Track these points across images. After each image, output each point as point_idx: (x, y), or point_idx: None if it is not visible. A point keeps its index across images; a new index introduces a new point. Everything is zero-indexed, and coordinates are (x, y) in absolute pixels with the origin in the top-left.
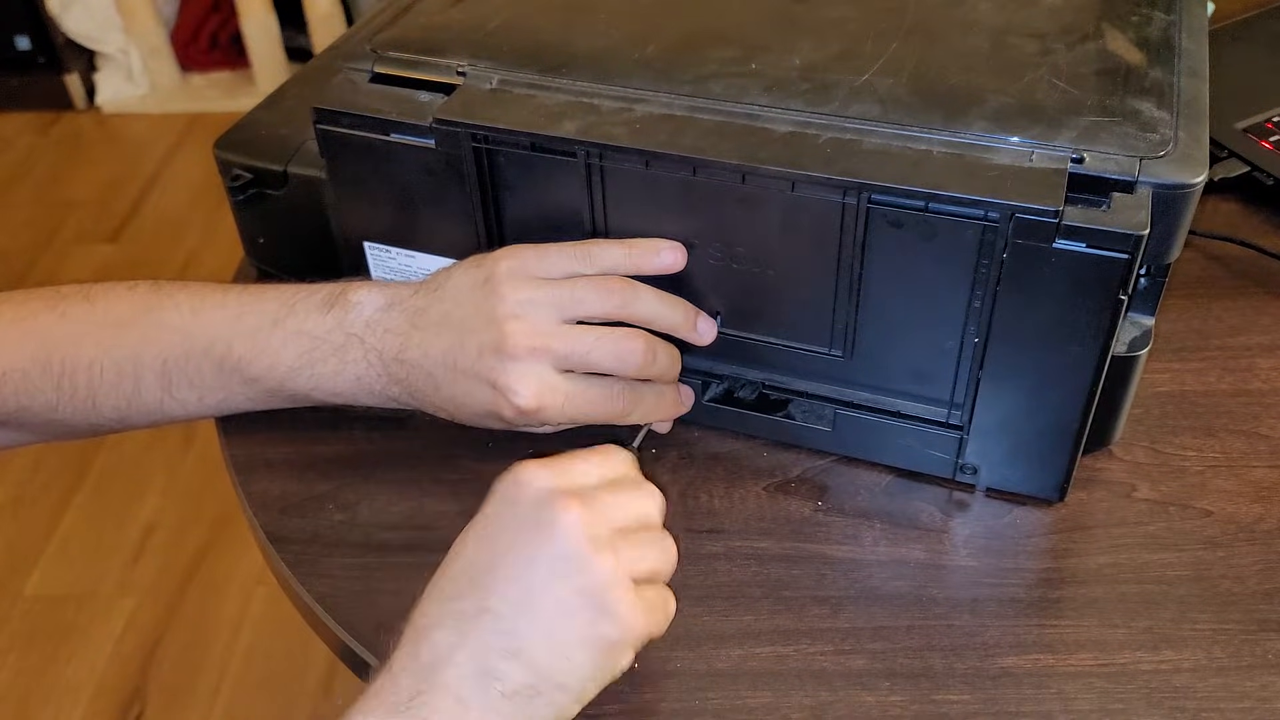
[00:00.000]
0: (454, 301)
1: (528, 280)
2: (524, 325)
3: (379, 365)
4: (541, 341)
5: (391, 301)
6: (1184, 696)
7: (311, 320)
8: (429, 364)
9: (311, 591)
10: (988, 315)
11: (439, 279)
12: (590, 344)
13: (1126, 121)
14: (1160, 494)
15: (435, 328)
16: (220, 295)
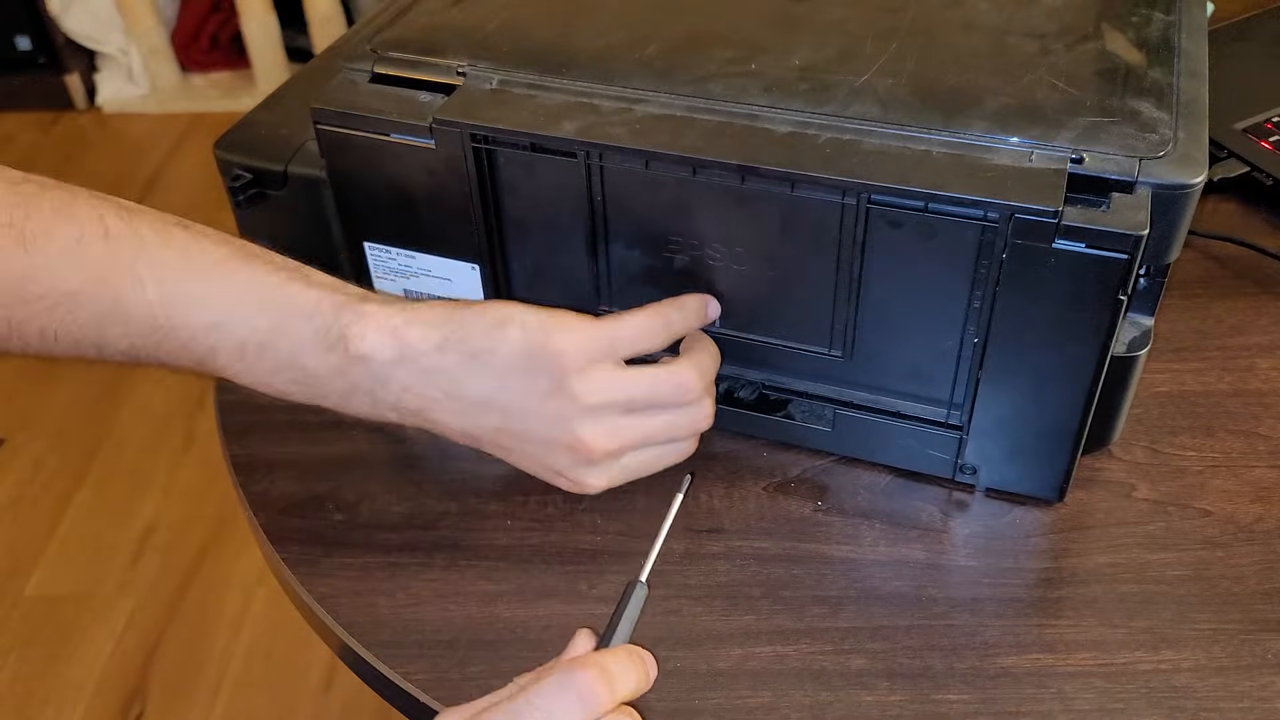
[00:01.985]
0: (504, 383)
1: (603, 362)
2: (602, 430)
3: (393, 415)
4: (618, 445)
5: (403, 355)
6: (1183, 696)
7: (308, 356)
8: (467, 432)
9: (312, 591)
10: (987, 315)
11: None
12: (659, 429)
13: (1126, 122)
14: (1160, 494)
15: (480, 409)
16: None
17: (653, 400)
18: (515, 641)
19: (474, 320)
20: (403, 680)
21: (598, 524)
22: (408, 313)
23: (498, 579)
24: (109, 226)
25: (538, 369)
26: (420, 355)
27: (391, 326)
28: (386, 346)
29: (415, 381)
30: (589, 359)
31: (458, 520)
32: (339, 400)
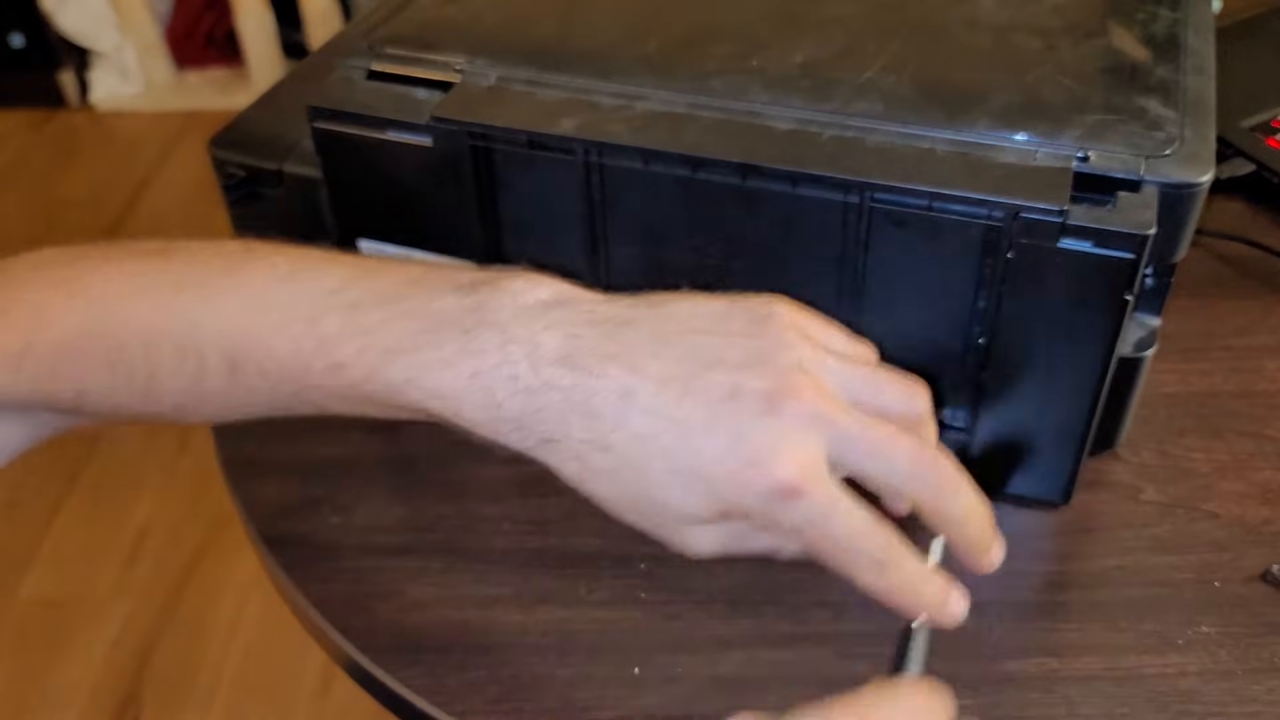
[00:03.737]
0: (692, 323)
1: (815, 340)
2: (813, 382)
3: (520, 363)
4: (832, 409)
5: (562, 299)
6: (1190, 700)
7: (441, 300)
8: (622, 381)
9: (307, 595)
10: (992, 315)
11: (653, 298)
12: (886, 435)
13: (1132, 120)
14: (1167, 496)
15: (652, 342)
16: (328, 261)
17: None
18: (513, 646)
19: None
20: (399, 685)
21: (597, 527)
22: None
23: (495, 583)
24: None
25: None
26: (590, 302)
27: (554, 280)
28: (547, 287)
29: (570, 319)
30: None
31: (455, 523)
32: (456, 340)
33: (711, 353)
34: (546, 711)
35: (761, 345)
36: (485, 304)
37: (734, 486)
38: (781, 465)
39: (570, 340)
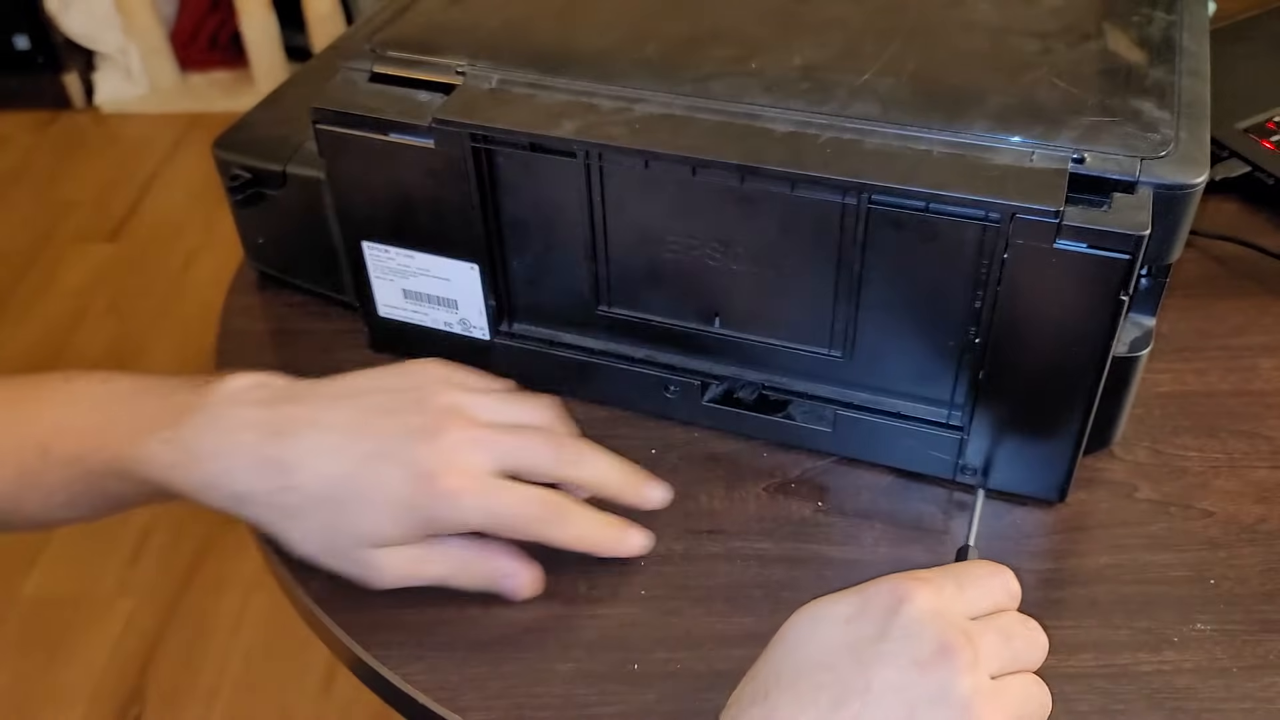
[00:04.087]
0: (363, 387)
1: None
2: (463, 415)
3: (227, 434)
4: (481, 431)
5: (263, 382)
6: (1186, 697)
7: (180, 393)
8: (312, 437)
9: (310, 593)
10: (988, 316)
11: (331, 377)
12: (529, 441)
13: (1127, 121)
14: (1162, 494)
15: (332, 403)
16: (126, 375)
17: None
18: (515, 643)
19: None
20: (401, 682)
21: None
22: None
23: None
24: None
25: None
26: (283, 381)
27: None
28: (252, 376)
29: (266, 395)
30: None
31: None
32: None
33: (380, 404)
34: (547, 707)
35: (419, 394)
36: (203, 391)
37: (416, 501)
38: (446, 476)
39: (263, 409)
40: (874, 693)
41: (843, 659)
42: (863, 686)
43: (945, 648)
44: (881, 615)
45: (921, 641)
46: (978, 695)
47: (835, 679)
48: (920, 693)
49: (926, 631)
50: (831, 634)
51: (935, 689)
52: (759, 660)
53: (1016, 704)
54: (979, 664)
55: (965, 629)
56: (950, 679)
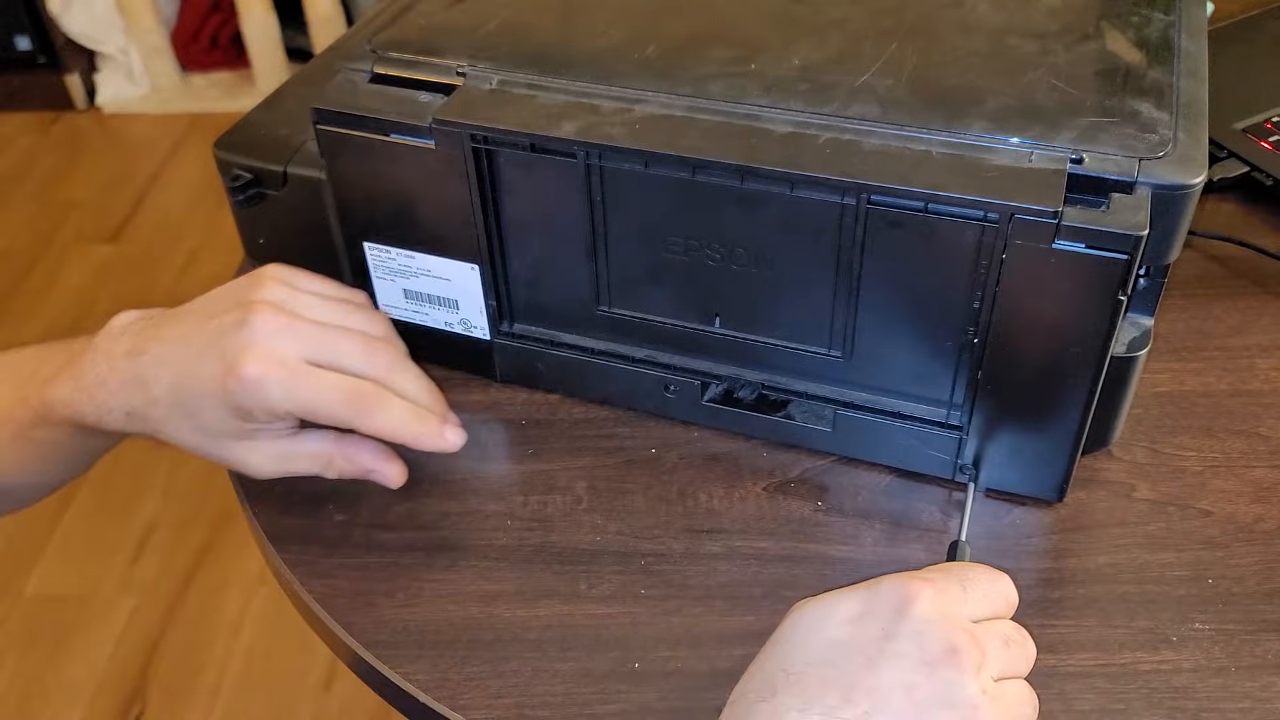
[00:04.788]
0: (207, 298)
1: (290, 285)
2: (276, 307)
3: (108, 363)
4: (292, 321)
5: (140, 315)
6: (1184, 696)
7: (79, 341)
8: (159, 352)
9: (311, 592)
10: (987, 316)
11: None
12: (340, 338)
13: (1126, 122)
14: (1160, 494)
15: (178, 319)
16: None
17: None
18: (515, 642)
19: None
20: (402, 680)
21: (598, 524)
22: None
23: (497, 579)
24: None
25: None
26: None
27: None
28: (131, 314)
29: (136, 326)
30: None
31: (457, 520)
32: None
33: (211, 306)
34: (547, 705)
35: (239, 292)
36: (95, 335)
37: (226, 391)
38: (246, 363)
39: (133, 339)
40: (882, 692)
41: (851, 657)
42: (871, 685)
43: (953, 649)
44: (888, 615)
45: (930, 642)
46: (983, 696)
47: (843, 677)
48: (927, 693)
49: (934, 632)
50: (838, 632)
51: (942, 689)
52: (760, 656)
53: (1015, 706)
54: (984, 667)
55: (972, 631)
56: (958, 679)
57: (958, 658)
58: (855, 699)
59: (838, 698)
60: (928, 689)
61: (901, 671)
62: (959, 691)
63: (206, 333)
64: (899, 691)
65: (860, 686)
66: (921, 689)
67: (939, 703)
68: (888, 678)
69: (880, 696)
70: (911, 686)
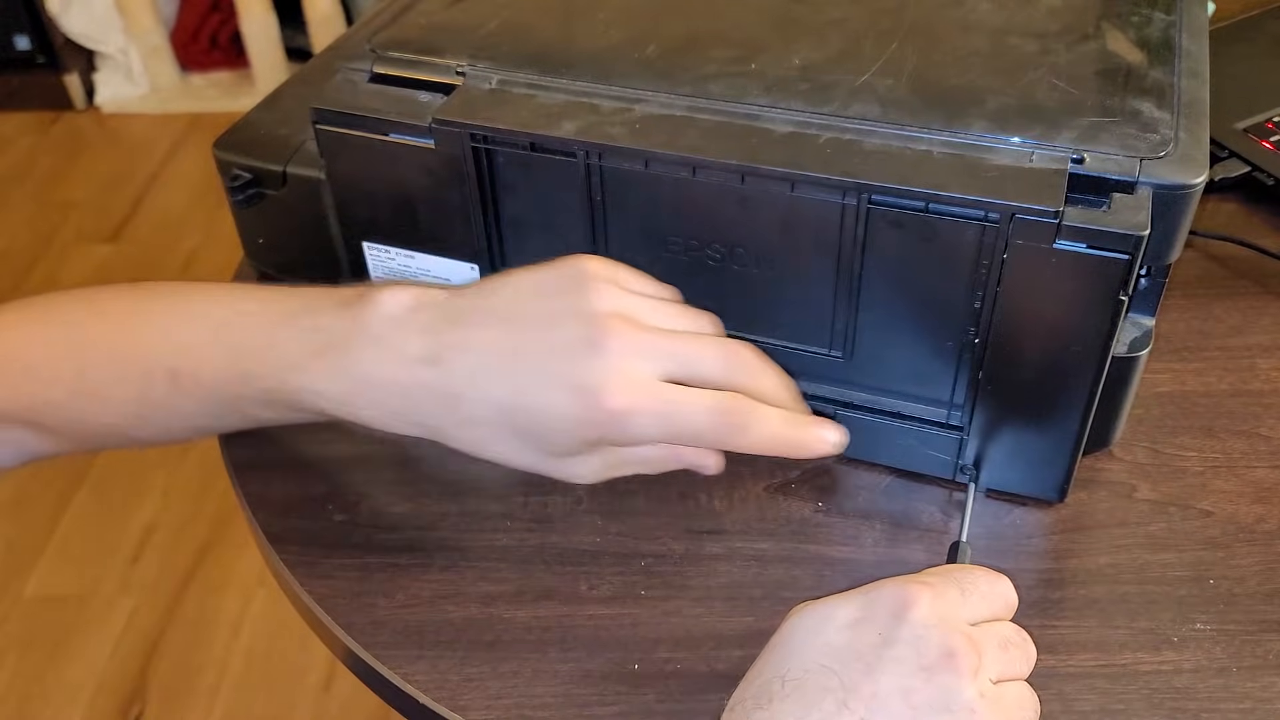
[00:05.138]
0: (520, 297)
1: (623, 288)
2: (626, 319)
3: (394, 367)
4: (646, 338)
5: (422, 302)
6: (1185, 697)
7: (327, 316)
8: (476, 364)
9: (311, 592)
10: (988, 316)
11: (489, 283)
12: (703, 348)
13: (1127, 122)
14: (1161, 494)
15: (489, 323)
16: (242, 290)
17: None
18: (515, 643)
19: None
20: (402, 681)
21: (598, 525)
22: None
23: (497, 580)
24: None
25: (555, 271)
26: (440, 300)
27: (411, 285)
28: (406, 293)
29: (430, 320)
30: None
31: (457, 521)
32: (343, 352)
33: (540, 316)
34: (547, 706)
35: (575, 301)
36: (360, 316)
37: (584, 420)
38: (610, 394)
39: (429, 340)
40: (880, 698)
41: (848, 664)
42: (869, 692)
43: (950, 653)
44: (886, 620)
45: (927, 647)
46: (981, 700)
47: (840, 683)
48: (925, 697)
49: (932, 637)
50: (836, 637)
51: (940, 694)
52: (758, 661)
53: (1014, 709)
54: (982, 670)
55: (969, 635)
56: (955, 684)
57: (954, 661)
58: (852, 705)
59: (834, 704)
60: (925, 694)
61: (899, 677)
62: (956, 696)
63: (542, 351)
64: (896, 697)
65: (858, 693)
66: (919, 694)
67: (937, 707)
68: (885, 683)
69: (878, 702)
70: (909, 691)
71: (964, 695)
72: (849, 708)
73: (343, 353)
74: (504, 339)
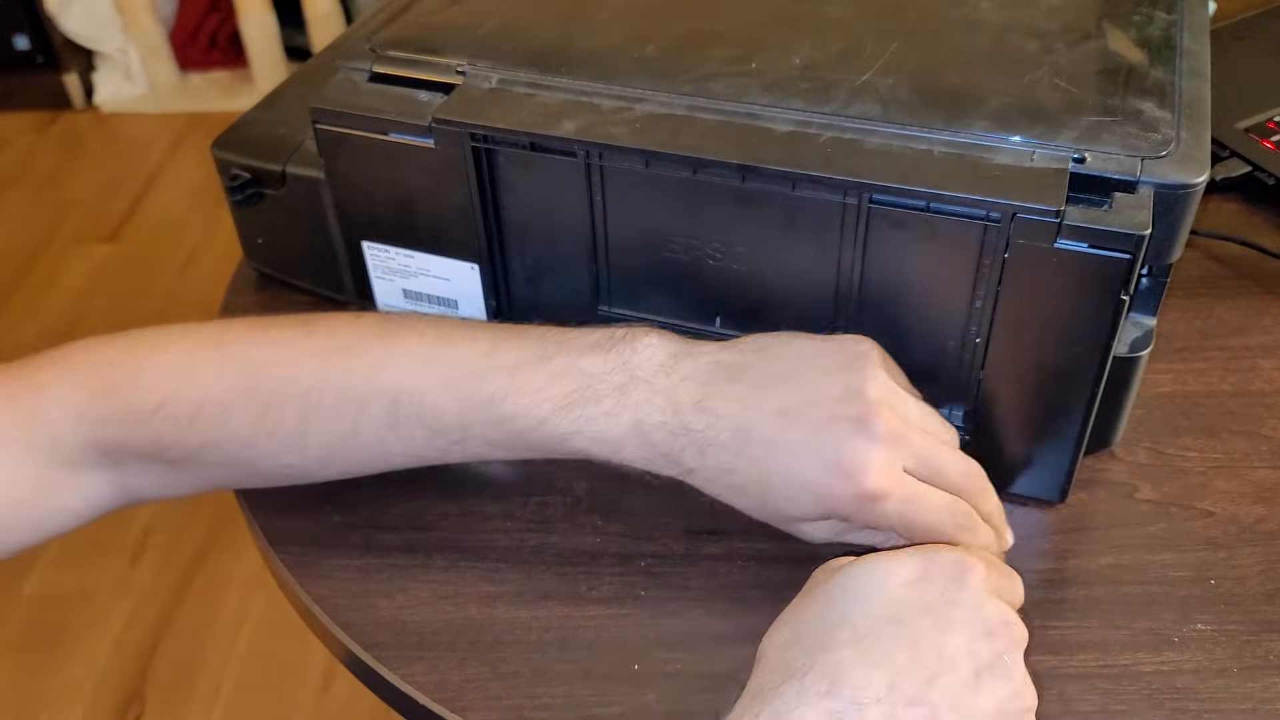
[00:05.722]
0: (796, 364)
1: (895, 385)
2: (891, 410)
3: (667, 411)
4: (907, 432)
5: (688, 352)
6: (1186, 698)
7: (587, 359)
8: (742, 418)
9: (310, 593)
10: (989, 315)
11: (758, 340)
12: (948, 457)
13: (1128, 121)
14: (1162, 495)
15: (764, 384)
16: (469, 328)
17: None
18: (514, 643)
19: (753, 335)
20: (401, 682)
21: (598, 525)
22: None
23: (497, 580)
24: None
25: (833, 346)
26: (707, 353)
27: (671, 335)
28: (670, 342)
29: (700, 371)
30: (883, 359)
31: (457, 521)
32: (613, 395)
33: (813, 388)
34: (547, 707)
35: (852, 379)
36: (629, 362)
37: (833, 495)
38: (869, 476)
39: (701, 389)
40: (948, 657)
41: (919, 617)
42: (938, 650)
43: (1008, 624)
44: (947, 582)
45: (989, 614)
46: (1028, 676)
47: (910, 638)
48: (985, 661)
49: (991, 605)
50: (898, 593)
51: (999, 660)
52: (797, 609)
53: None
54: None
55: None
56: (1014, 656)
57: (1011, 631)
58: (924, 662)
59: (906, 660)
60: (985, 657)
61: (965, 639)
62: (1014, 665)
63: (813, 422)
64: (963, 658)
65: (929, 647)
66: (981, 657)
67: (998, 675)
68: (952, 643)
69: (947, 661)
70: (974, 655)
71: (1019, 666)
72: (921, 664)
73: (611, 396)
74: (776, 400)
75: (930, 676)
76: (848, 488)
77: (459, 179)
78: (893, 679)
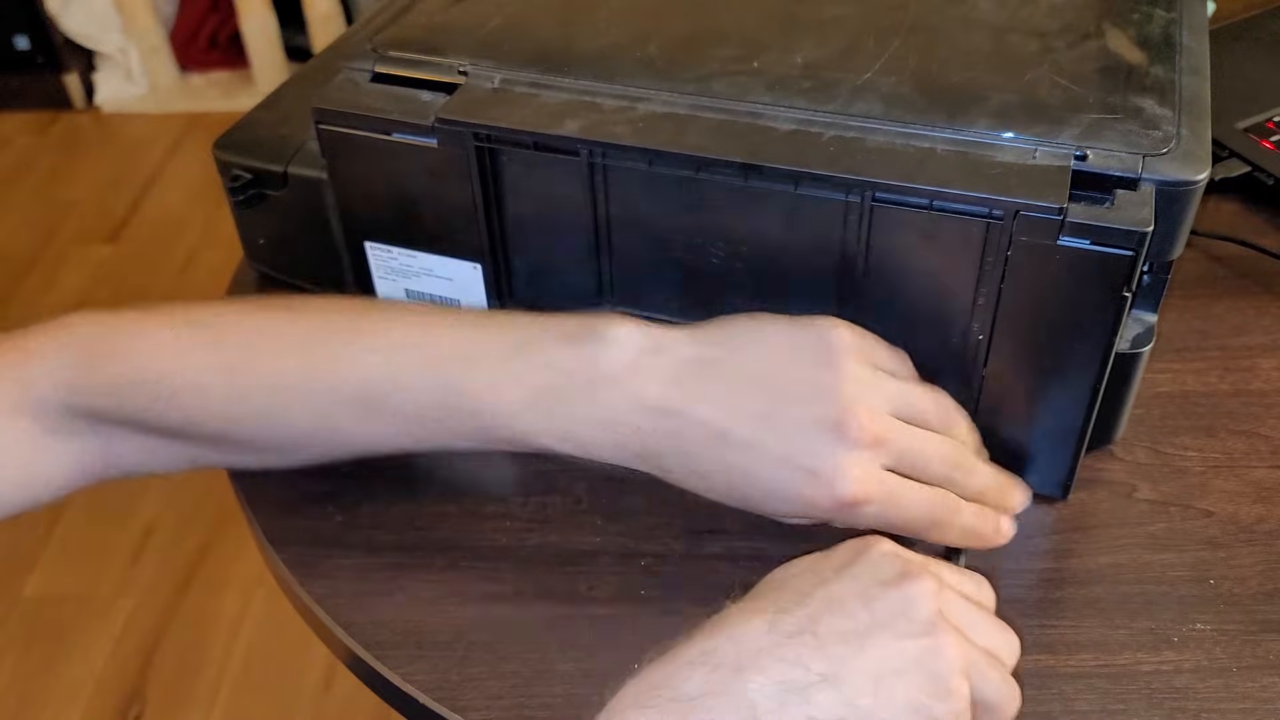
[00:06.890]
0: (766, 359)
1: (869, 362)
2: (868, 408)
3: (636, 413)
4: (884, 431)
5: (659, 346)
6: (1185, 697)
7: (558, 352)
8: (715, 421)
9: (310, 593)
10: (991, 313)
11: (728, 329)
12: (927, 445)
13: (1129, 119)
14: (1161, 494)
15: (734, 383)
16: (453, 317)
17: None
18: (514, 642)
19: (724, 320)
20: (401, 681)
21: (598, 525)
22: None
23: (497, 580)
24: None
25: (804, 334)
26: (679, 345)
27: (642, 325)
28: (641, 335)
29: (670, 369)
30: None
31: (457, 521)
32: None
33: (787, 389)
34: (547, 707)
35: (826, 378)
36: (598, 358)
37: (811, 501)
38: (847, 485)
39: (671, 389)
40: (836, 599)
41: (804, 576)
42: (824, 595)
43: (907, 574)
44: (847, 554)
45: (885, 568)
46: (941, 621)
47: (798, 586)
48: (883, 605)
49: (890, 562)
50: (797, 566)
51: (899, 603)
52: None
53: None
54: (942, 597)
55: (926, 566)
56: (914, 596)
57: (913, 579)
58: (809, 603)
59: (792, 599)
60: (882, 603)
61: (858, 585)
62: (915, 607)
63: (786, 425)
64: (855, 600)
65: (815, 595)
66: (878, 601)
67: (895, 612)
68: (840, 589)
69: (835, 602)
70: (869, 598)
71: (921, 609)
72: (805, 603)
73: (579, 395)
74: (750, 403)
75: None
76: (826, 497)
77: (462, 179)
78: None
